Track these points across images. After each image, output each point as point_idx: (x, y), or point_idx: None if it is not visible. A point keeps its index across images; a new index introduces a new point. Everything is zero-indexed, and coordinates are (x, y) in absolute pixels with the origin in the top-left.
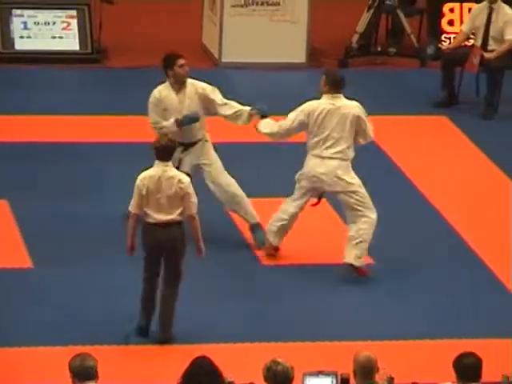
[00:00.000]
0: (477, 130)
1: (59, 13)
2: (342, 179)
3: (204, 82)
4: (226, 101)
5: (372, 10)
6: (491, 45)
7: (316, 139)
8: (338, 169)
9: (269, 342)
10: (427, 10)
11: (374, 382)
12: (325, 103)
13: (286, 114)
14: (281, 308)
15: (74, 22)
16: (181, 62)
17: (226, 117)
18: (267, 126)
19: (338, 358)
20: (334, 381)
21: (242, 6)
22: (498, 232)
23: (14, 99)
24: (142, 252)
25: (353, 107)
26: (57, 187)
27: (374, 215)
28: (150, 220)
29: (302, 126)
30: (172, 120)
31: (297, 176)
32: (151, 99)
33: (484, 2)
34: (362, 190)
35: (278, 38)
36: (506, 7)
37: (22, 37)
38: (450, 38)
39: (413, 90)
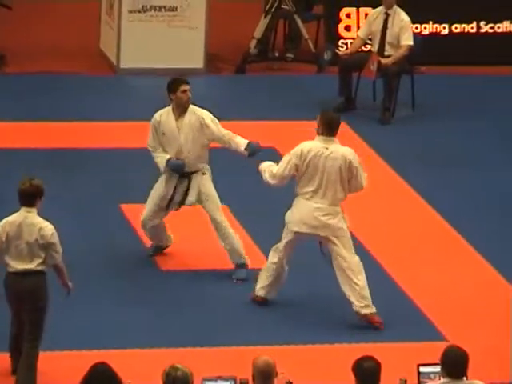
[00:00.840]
0: (374, 135)
1: None
2: (329, 224)
3: (101, 88)
4: (224, 132)
5: (269, 16)
6: (387, 50)
7: (306, 181)
8: (326, 213)
9: (168, 347)
10: (324, 15)
11: None
12: (318, 146)
13: None
14: (180, 313)
15: None
16: (184, 87)
17: (226, 147)
18: (266, 173)
19: (236, 363)
20: None
21: (139, 12)
22: (395, 234)
23: None
24: None
25: (345, 153)
26: None
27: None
28: (10, 269)
29: (296, 168)
30: (164, 162)
31: (286, 219)
32: (152, 121)
33: (380, 8)
34: (348, 235)
35: (176, 43)
36: (401, 13)
37: None
38: (346, 44)
39: (310, 96)
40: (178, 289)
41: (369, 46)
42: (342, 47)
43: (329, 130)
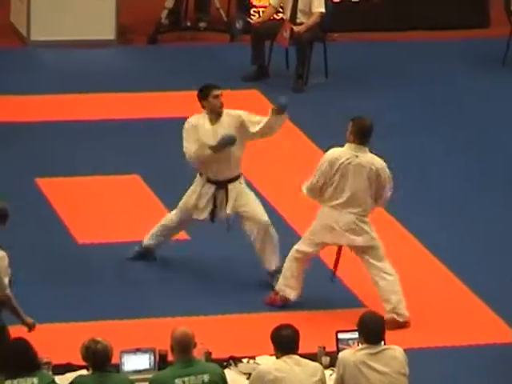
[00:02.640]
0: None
1: None
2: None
3: (12, 61)
4: (257, 118)
5: None
6: (299, 18)
7: (333, 190)
8: (354, 222)
9: (86, 321)
10: None
11: (192, 357)
12: (348, 153)
13: (98, 91)
14: (98, 287)
15: None
16: (215, 92)
17: (259, 133)
18: (305, 189)
19: (155, 335)
20: (152, 357)
21: None
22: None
23: None
24: None
25: (376, 162)
26: None
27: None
28: None
29: (327, 175)
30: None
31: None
32: (186, 126)
33: None
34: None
35: (87, 14)
36: None
37: None
38: (258, 12)
39: (223, 65)
40: (95, 262)
41: (281, 15)
42: (253, 16)
43: (361, 138)
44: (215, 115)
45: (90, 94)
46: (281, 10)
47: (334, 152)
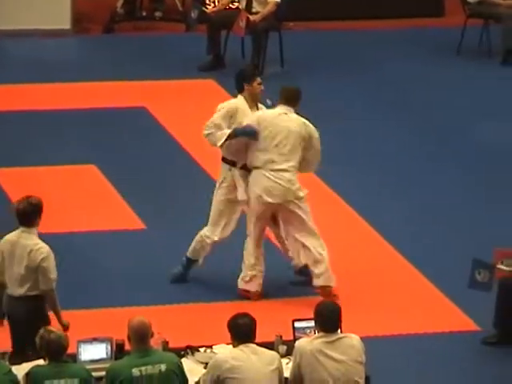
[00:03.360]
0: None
1: None
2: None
3: None
4: None
5: None
6: (255, 7)
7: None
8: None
9: None
10: None
11: (149, 346)
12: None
13: (53, 81)
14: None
15: None
16: (259, 79)
17: None
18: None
19: (112, 325)
20: (109, 347)
21: None
22: None
23: None
24: None
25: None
26: None
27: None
28: (7, 290)
29: None
30: (226, 131)
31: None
32: (228, 105)
33: None
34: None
35: (42, 3)
36: None
37: None
38: (214, 1)
39: (179, 55)
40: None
41: (236, 4)
42: (209, 5)
43: (288, 102)
44: (254, 101)
45: (46, 83)
46: None
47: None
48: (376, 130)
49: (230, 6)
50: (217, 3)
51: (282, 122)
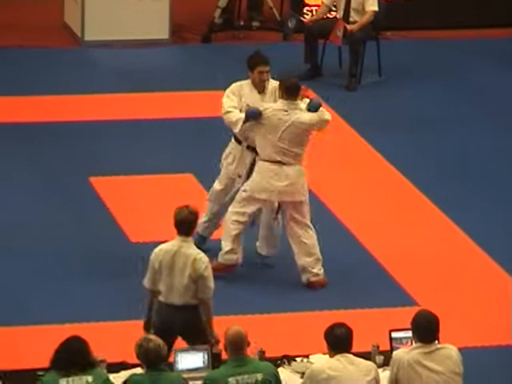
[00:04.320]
0: (341, 102)
1: None
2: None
3: (67, 61)
4: None
5: None
6: (352, 16)
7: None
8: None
9: (140, 319)
10: None
11: (246, 356)
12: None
13: (151, 90)
14: None
15: None
16: (262, 68)
17: None
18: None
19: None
20: (206, 356)
21: None
22: (360, 197)
23: None
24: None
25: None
26: None
27: None
28: (162, 299)
29: None
30: (242, 116)
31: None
32: (232, 87)
33: None
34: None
35: (140, 14)
36: None
37: None
38: (311, 11)
39: (276, 64)
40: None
41: (334, 13)
42: (306, 15)
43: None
44: (257, 88)
45: (144, 93)
46: (334, 8)
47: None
48: (471, 138)
49: (328, 15)
50: (314, 12)
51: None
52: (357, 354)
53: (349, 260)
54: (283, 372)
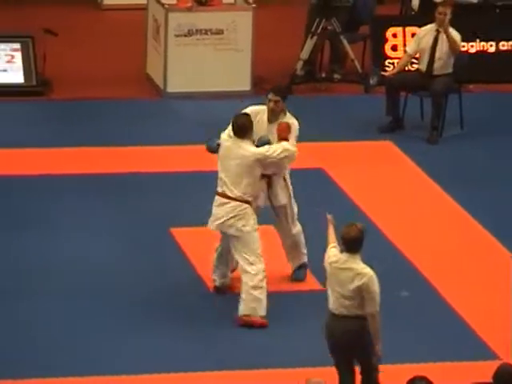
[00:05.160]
0: (422, 155)
1: (3, 46)
2: None
3: (149, 112)
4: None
5: (315, 37)
6: (436, 69)
7: None
8: None
9: (217, 370)
10: (370, 35)
11: None
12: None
13: None
14: (231, 335)
15: (19, 55)
16: (269, 96)
17: None
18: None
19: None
20: None
21: (185, 36)
22: (445, 254)
23: None
24: None
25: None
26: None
27: None
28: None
29: None
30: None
31: None
32: (252, 108)
33: (431, 25)
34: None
35: (222, 66)
36: (453, 31)
37: None
38: (393, 64)
39: (358, 116)
40: (229, 311)
41: (416, 65)
42: (388, 67)
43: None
44: (267, 115)
45: None
46: (415, 60)
47: None
48: None
49: (409, 67)
50: (395, 64)
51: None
52: None
53: (429, 313)
54: None
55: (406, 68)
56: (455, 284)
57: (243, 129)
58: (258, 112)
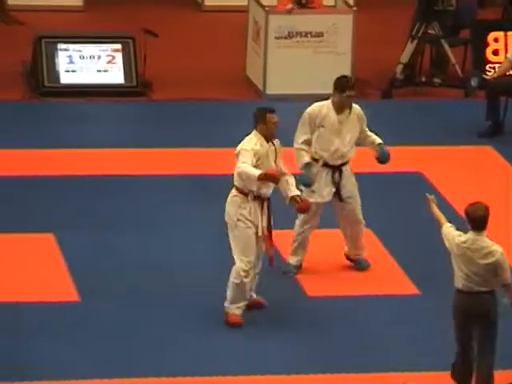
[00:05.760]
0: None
1: (104, 46)
2: None
3: (249, 114)
4: (368, 133)
5: (416, 41)
6: None
7: None
8: None
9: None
10: (472, 39)
11: None
12: None
13: None
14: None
15: (119, 56)
16: (349, 93)
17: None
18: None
19: None
20: None
21: (285, 38)
22: None
23: (60, 133)
24: None
25: None
26: (101, 221)
27: None
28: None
29: None
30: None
31: None
32: (305, 114)
33: None
34: None
35: (322, 69)
36: None
37: (67, 71)
38: (494, 68)
39: (457, 121)
40: (324, 315)
41: None
42: (489, 72)
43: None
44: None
45: None
46: None
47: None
48: None
49: (511, 72)
50: (496, 69)
51: None
52: None
53: None
54: None
55: (508, 73)
56: None
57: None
58: (322, 106)
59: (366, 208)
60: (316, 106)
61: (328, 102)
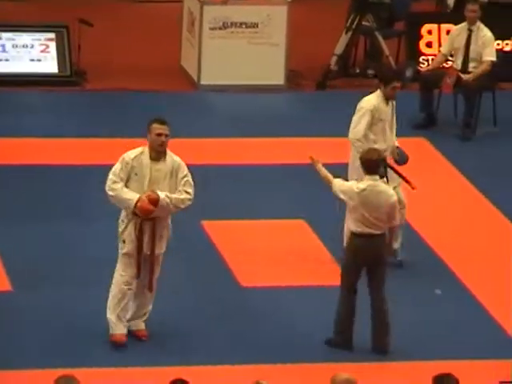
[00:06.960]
0: (455, 151)
1: (37, 35)
2: None
3: (182, 104)
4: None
5: (350, 32)
6: (471, 66)
7: None
8: None
9: (246, 363)
10: (405, 32)
11: None
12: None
13: (265, 135)
14: (257, 330)
15: (53, 45)
16: (396, 84)
17: None
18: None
19: (311, 381)
20: None
21: (220, 29)
22: (475, 250)
23: None
24: None
25: None
26: (35, 210)
27: None
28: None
29: None
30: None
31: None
32: (368, 107)
33: (463, 24)
34: None
35: (256, 60)
36: (484, 28)
37: (0, 60)
38: (428, 60)
39: None
40: (256, 305)
41: (450, 63)
42: (423, 64)
43: None
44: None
45: (258, 138)
46: (451, 58)
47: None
48: None
49: (444, 65)
50: (430, 62)
51: None
52: None
53: (457, 307)
54: None
55: (441, 66)
56: (489, 285)
57: None
58: (371, 99)
59: (303, 200)
60: (371, 98)
61: (378, 93)
